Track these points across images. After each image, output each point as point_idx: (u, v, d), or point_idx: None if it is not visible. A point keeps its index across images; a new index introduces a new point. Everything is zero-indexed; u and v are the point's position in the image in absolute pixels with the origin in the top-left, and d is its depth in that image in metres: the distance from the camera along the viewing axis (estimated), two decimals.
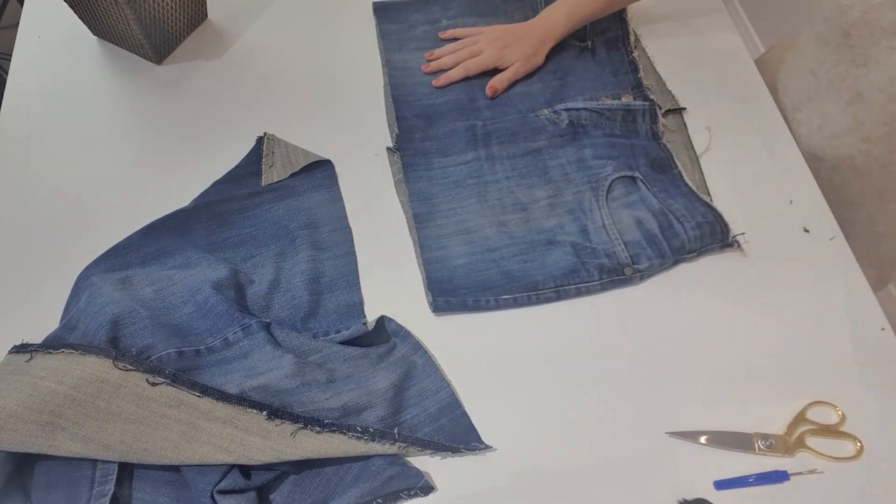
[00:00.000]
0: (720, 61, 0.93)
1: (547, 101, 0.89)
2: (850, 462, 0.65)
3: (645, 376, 0.70)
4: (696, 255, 0.76)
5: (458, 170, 0.83)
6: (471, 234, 0.78)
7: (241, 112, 0.89)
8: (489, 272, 0.75)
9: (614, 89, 0.90)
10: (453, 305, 0.73)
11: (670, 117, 0.88)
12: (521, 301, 0.74)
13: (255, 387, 0.64)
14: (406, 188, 0.82)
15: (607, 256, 0.76)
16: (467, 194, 0.81)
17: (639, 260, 0.76)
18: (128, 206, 0.81)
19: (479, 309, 0.73)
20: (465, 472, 0.65)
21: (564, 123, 0.85)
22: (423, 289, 0.75)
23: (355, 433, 0.64)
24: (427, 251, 0.77)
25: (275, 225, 0.79)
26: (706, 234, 0.76)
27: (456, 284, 0.74)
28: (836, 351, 0.71)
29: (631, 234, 0.77)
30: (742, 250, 0.77)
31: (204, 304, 0.70)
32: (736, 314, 0.73)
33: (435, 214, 0.80)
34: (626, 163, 0.83)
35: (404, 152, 0.84)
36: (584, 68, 0.92)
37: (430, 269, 0.76)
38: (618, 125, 0.86)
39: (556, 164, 0.84)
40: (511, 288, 0.74)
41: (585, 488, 0.64)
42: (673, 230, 0.77)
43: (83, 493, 0.62)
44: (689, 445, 0.66)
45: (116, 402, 0.61)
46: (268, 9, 1.00)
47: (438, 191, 0.82)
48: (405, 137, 0.85)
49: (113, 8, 0.86)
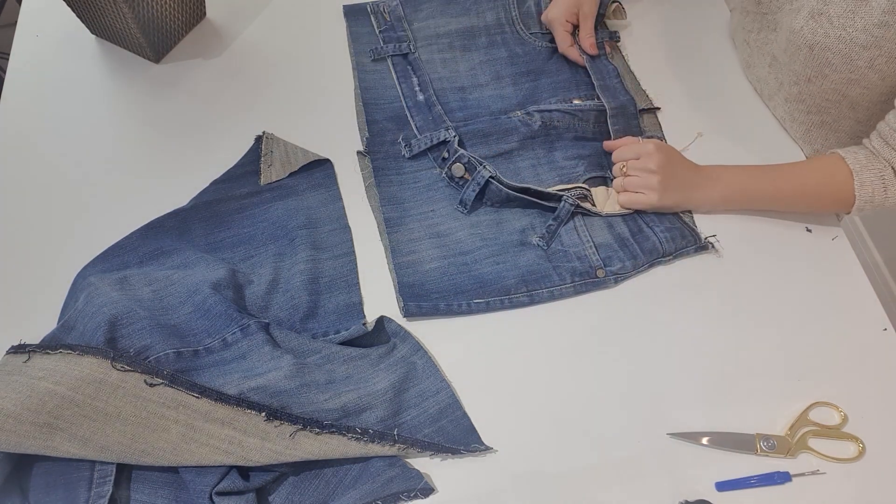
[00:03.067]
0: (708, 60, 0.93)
1: (519, 103, 0.89)
2: (851, 463, 0.65)
3: (646, 377, 0.69)
4: (672, 257, 0.76)
5: (430, 173, 0.83)
6: (442, 237, 0.78)
7: (239, 111, 0.89)
8: (461, 276, 0.75)
9: (587, 90, 0.89)
10: (425, 310, 0.73)
11: (645, 116, 0.88)
12: (494, 305, 0.73)
13: (254, 388, 0.64)
14: (377, 192, 0.81)
15: (578, 259, 0.76)
16: (439, 197, 0.81)
17: (610, 262, 0.75)
18: (126, 206, 0.81)
19: (452, 313, 0.73)
20: (466, 474, 0.64)
21: (537, 125, 0.84)
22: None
23: (355, 434, 0.64)
24: (398, 255, 0.76)
25: (273, 225, 0.79)
26: (677, 236, 0.76)
27: (428, 289, 0.74)
28: (838, 352, 0.71)
29: (602, 236, 0.78)
30: (718, 252, 0.77)
31: (202, 304, 0.69)
32: (738, 315, 0.73)
33: (406, 219, 0.79)
34: (597, 162, 0.83)
35: (374, 156, 0.84)
36: (558, 69, 0.92)
37: (401, 273, 0.75)
38: (590, 126, 0.86)
39: (528, 165, 0.83)
40: (483, 292, 0.74)
41: (586, 489, 0.64)
42: (643, 234, 0.77)
43: (81, 493, 0.62)
44: (691, 446, 0.65)
45: (114, 403, 0.60)
46: (266, 7, 1.00)
47: (410, 195, 0.81)
48: (375, 141, 0.85)
49: (111, 7, 0.85)
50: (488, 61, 0.93)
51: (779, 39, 0.81)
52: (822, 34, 0.72)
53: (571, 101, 0.87)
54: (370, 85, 0.91)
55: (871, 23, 0.68)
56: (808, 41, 0.74)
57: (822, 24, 0.72)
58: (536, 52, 0.94)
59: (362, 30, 0.96)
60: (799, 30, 0.75)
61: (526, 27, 0.96)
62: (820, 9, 0.72)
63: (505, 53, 0.93)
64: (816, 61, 0.75)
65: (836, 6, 0.70)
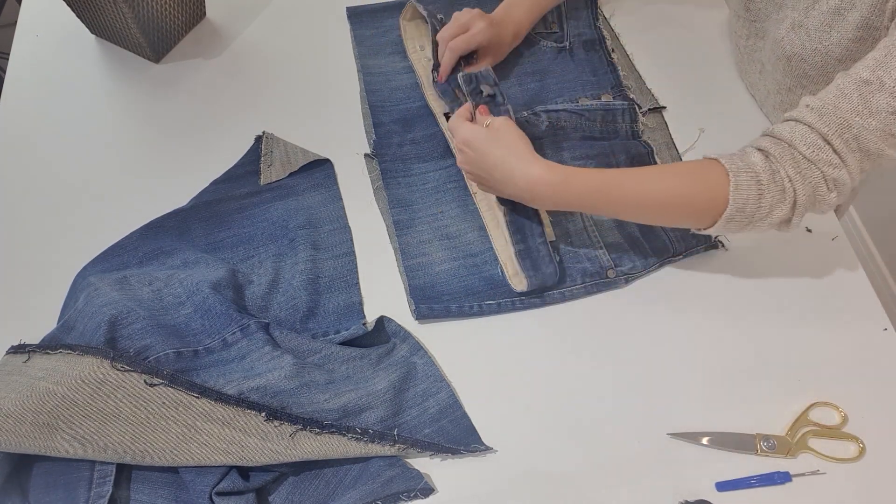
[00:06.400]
0: (705, 59, 0.93)
1: (526, 103, 0.88)
2: (852, 463, 0.65)
3: (646, 377, 0.69)
4: (682, 257, 0.76)
5: (438, 175, 0.83)
6: (452, 239, 0.78)
7: (239, 111, 0.89)
8: (472, 278, 0.75)
9: (594, 89, 0.89)
10: (436, 312, 0.73)
11: (650, 116, 0.87)
12: (506, 307, 0.73)
13: (254, 388, 0.64)
14: (385, 195, 0.81)
15: (589, 260, 0.75)
16: (448, 199, 0.81)
17: (621, 262, 0.75)
18: (125, 206, 0.81)
19: (463, 315, 0.73)
20: (466, 474, 0.64)
21: (544, 125, 0.84)
22: None
23: (354, 434, 0.64)
24: (408, 258, 0.76)
25: (273, 225, 0.79)
26: (687, 235, 0.76)
27: (439, 291, 0.74)
28: (839, 352, 0.71)
29: (612, 236, 0.77)
30: (727, 250, 0.77)
31: (202, 304, 0.69)
32: (737, 315, 0.73)
33: (415, 221, 0.79)
34: (605, 161, 0.83)
35: (382, 158, 0.84)
36: (563, 69, 0.92)
37: (411, 276, 0.75)
38: (597, 126, 0.85)
39: None
40: (495, 293, 0.74)
41: (586, 489, 0.63)
42: (654, 233, 0.77)
43: (81, 493, 0.62)
44: (691, 446, 0.65)
45: (114, 403, 0.60)
46: (266, 7, 1.00)
47: (418, 197, 0.81)
48: (383, 143, 0.85)
49: (111, 6, 0.85)
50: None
51: (766, 48, 0.81)
52: (800, 46, 0.72)
53: (578, 101, 0.87)
54: (376, 88, 0.91)
55: (846, 37, 0.68)
56: (787, 52, 0.74)
57: (800, 36, 0.72)
58: (542, 51, 0.93)
59: (366, 32, 0.96)
60: (780, 40, 0.75)
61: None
62: (800, 21, 0.72)
63: (510, 54, 0.93)
64: (794, 72, 0.75)
65: (815, 19, 0.70)
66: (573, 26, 0.95)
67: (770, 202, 0.61)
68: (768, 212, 0.62)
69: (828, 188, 0.61)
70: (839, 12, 0.68)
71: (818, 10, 0.70)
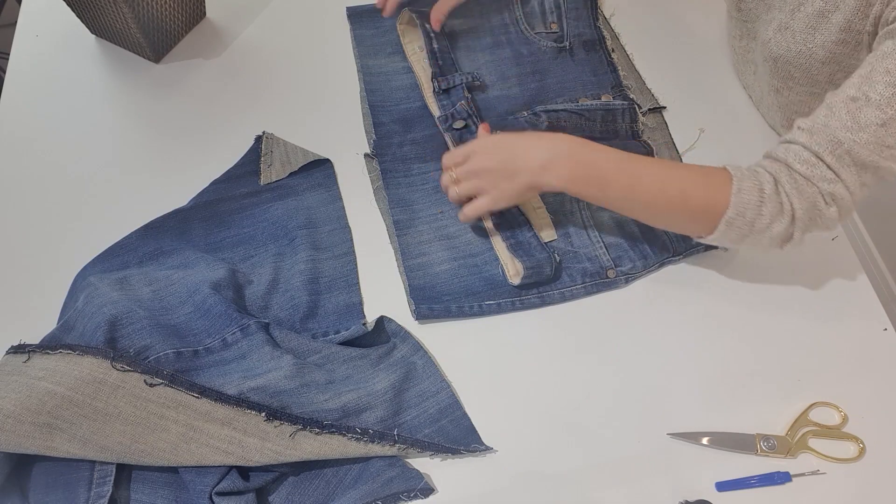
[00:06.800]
0: (706, 59, 0.93)
1: (526, 103, 0.88)
2: (852, 463, 0.65)
3: (646, 377, 0.69)
4: (682, 256, 0.76)
5: (438, 175, 0.83)
6: (452, 239, 0.78)
7: (239, 111, 0.89)
8: (472, 278, 0.75)
9: (594, 89, 0.89)
10: (436, 312, 0.73)
11: (650, 116, 0.87)
12: (506, 307, 0.73)
13: (254, 388, 0.64)
14: (385, 195, 0.81)
15: (589, 260, 0.75)
16: (447, 199, 0.81)
17: (621, 262, 0.75)
18: (126, 206, 0.81)
19: (463, 315, 0.73)
20: (466, 474, 0.64)
21: (544, 125, 0.84)
22: None
23: (355, 434, 0.64)
24: (408, 258, 0.76)
25: (273, 225, 0.79)
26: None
27: (439, 291, 0.74)
28: (839, 352, 0.71)
29: (613, 236, 0.77)
30: (727, 250, 0.77)
31: (202, 304, 0.69)
32: (738, 315, 0.73)
33: (415, 221, 0.79)
34: None
35: (382, 158, 0.84)
36: (563, 69, 0.92)
37: (411, 276, 0.75)
38: (597, 126, 0.85)
39: None
40: (494, 293, 0.74)
41: (586, 490, 0.63)
42: (654, 233, 0.77)
43: (81, 494, 0.62)
44: (691, 446, 0.65)
45: (114, 403, 0.60)
46: (267, 7, 1.00)
47: (418, 197, 0.81)
48: (383, 143, 0.85)
49: (111, 6, 0.85)
50: (493, 62, 0.93)
51: (757, 49, 0.82)
52: (785, 48, 0.73)
53: (578, 101, 0.87)
54: (376, 87, 0.90)
55: (830, 39, 0.69)
56: (774, 53, 0.75)
57: (786, 38, 0.73)
58: (541, 51, 0.93)
59: (366, 32, 0.96)
60: (767, 41, 0.76)
61: (530, 27, 0.95)
62: (787, 22, 0.73)
63: (510, 53, 0.93)
64: (781, 73, 0.76)
65: (800, 21, 0.71)
66: (573, 26, 0.95)
67: (771, 212, 0.62)
68: (769, 223, 0.62)
69: (826, 202, 0.62)
70: (823, 14, 0.69)
71: (803, 13, 0.71)
